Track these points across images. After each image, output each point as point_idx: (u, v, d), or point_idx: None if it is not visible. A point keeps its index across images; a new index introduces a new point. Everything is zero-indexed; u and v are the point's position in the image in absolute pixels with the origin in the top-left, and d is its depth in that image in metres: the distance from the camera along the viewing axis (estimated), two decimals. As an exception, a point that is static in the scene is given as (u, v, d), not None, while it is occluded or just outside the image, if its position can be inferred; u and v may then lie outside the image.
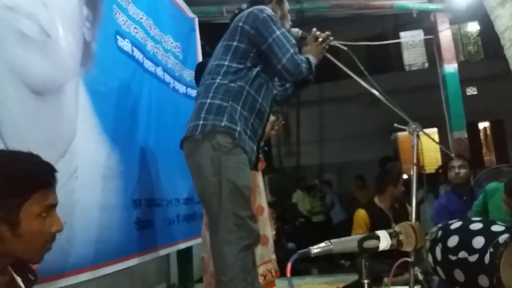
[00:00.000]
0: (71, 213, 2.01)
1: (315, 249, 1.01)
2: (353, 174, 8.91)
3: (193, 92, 3.66)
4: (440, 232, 2.26)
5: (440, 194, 4.74)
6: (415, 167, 2.20)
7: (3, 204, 0.93)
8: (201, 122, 1.96)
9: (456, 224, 2.25)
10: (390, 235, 1.07)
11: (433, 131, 10.25)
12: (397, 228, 1.10)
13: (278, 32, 2.01)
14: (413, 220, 2.08)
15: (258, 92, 2.06)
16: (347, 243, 1.04)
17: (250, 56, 2.05)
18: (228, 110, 1.96)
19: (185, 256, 3.83)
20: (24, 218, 0.96)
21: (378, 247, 1.05)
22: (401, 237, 1.08)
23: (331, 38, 2.25)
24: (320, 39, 2.22)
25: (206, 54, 4.64)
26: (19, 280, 1.05)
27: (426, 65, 11.46)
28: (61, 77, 2.06)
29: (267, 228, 2.61)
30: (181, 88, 3.70)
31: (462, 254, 2.06)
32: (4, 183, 0.94)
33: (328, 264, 5.76)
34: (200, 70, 2.77)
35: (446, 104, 4.60)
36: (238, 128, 1.95)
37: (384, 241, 1.06)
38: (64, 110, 2.07)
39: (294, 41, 2.09)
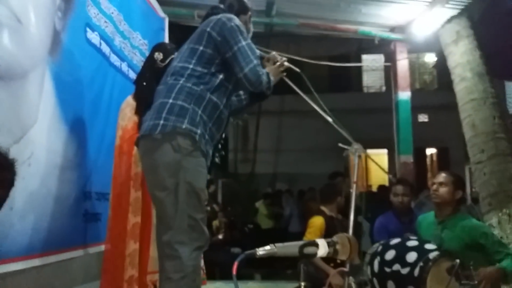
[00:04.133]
0: (18, 199, 1.99)
1: (260, 251, 1.11)
2: (304, 185, 9.13)
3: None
4: (380, 247, 2.43)
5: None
6: (354, 185, 2.35)
7: None
8: (161, 121, 1.94)
9: (395, 240, 2.44)
10: (328, 244, 1.19)
11: (383, 152, 10.71)
12: (335, 238, 1.22)
13: (243, 43, 2.05)
14: (350, 233, 2.22)
15: (220, 99, 2.08)
16: (289, 248, 1.15)
17: (215, 62, 2.07)
18: (190, 112, 1.96)
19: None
20: None
21: (316, 253, 1.16)
22: (337, 246, 1.20)
23: (286, 63, 2.31)
24: (278, 63, 2.29)
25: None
26: None
27: (384, 88, 11.97)
28: (28, 63, 2.07)
29: None
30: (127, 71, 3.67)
31: (396, 266, 2.23)
32: None
33: (271, 271, 5.89)
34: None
35: (397, 128, 4.87)
36: (199, 131, 1.96)
37: (322, 248, 1.17)
38: (26, 96, 2.07)
39: (258, 53, 2.13)
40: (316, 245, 1.16)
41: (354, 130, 2.50)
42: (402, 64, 4.93)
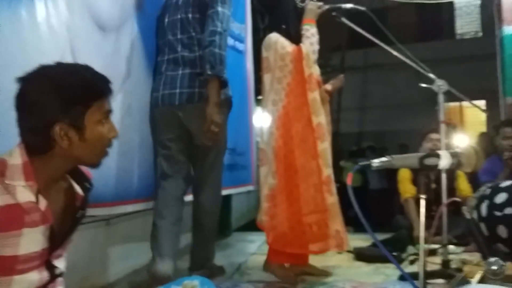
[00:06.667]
0: (129, 146, 2.12)
1: (376, 162, 1.04)
2: (393, 143, 8.75)
3: (240, 46, 3.67)
4: (488, 190, 2.23)
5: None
6: (443, 125, 2.18)
7: (71, 111, 1.01)
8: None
9: (506, 183, 2.21)
10: (451, 155, 1.08)
11: (481, 104, 9.85)
12: (458, 149, 1.11)
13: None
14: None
15: None
16: (408, 159, 1.07)
17: None
18: None
19: (224, 204, 3.92)
20: (88, 124, 1.03)
21: (438, 164, 1.07)
22: (461, 157, 1.09)
23: (349, 5, 2.44)
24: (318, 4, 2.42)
25: (255, 9, 4.60)
26: (77, 187, 1.13)
27: (480, 34, 10.88)
28: (120, 16, 2.15)
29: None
30: (229, 41, 3.70)
31: (509, 210, 2.02)
32: (69, 92, 1.01)
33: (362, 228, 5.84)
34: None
35: (502, 67, 4.37)
36: None
37: (445, 159, 1.07)
38: (122, 48, 2.17)
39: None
40: (437, 156, 1.07)
41: (446, 81, 2.32)
42: (508, -6, 4.37)
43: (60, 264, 1.11)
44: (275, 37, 2.35)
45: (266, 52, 2.35)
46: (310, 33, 2.37)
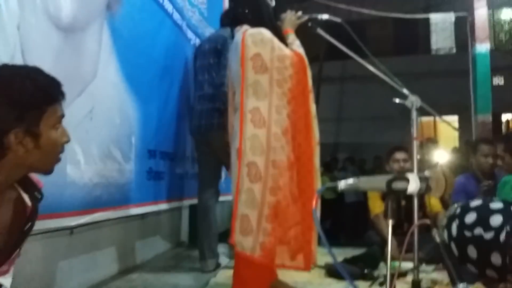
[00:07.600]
0: (85, 152, 2.00)
1: (342, 184, 0.99)
2: (368, 155, 8.79)
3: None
4: (458, 209, 2.21)
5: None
6: (414, 142, 2.17)
7: (26, 118, 0.96)
8: None
9: (476, 202, 2.18)
10: (420, 179, 1.04)
11: (453, 119, 10.04)
12: (427, 173, 1.07)
13: None
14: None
15: None
16: (375, 182, 1.02)
17: None
18: None
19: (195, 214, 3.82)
20: (43, 130, 0.99)
21: (406, 189, 1.02)
22: (430, 182, 1.05)
23: (325, 16, 2.37)
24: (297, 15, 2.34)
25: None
26: (26, 197, 1.06)
27: (454, 50, 11.12)
28: (86, 16, 2.04)
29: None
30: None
31: (478, 231, 1.99)
32: (23, 97, 0.95)
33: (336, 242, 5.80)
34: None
35: (473, 85, 4.44)
36: None
37: (413, 183, 1.03)
38: (86, 50, 2.05)
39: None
40: (406, 179, 1.02)
41: (421, 96, 2.32)
42: (480, 13, 4.46)
43: (6, 281, 1.03)
44: (268, 34, 2.10)
45: (256, 47, 2.05)
46: (299, 43, 2.24)
